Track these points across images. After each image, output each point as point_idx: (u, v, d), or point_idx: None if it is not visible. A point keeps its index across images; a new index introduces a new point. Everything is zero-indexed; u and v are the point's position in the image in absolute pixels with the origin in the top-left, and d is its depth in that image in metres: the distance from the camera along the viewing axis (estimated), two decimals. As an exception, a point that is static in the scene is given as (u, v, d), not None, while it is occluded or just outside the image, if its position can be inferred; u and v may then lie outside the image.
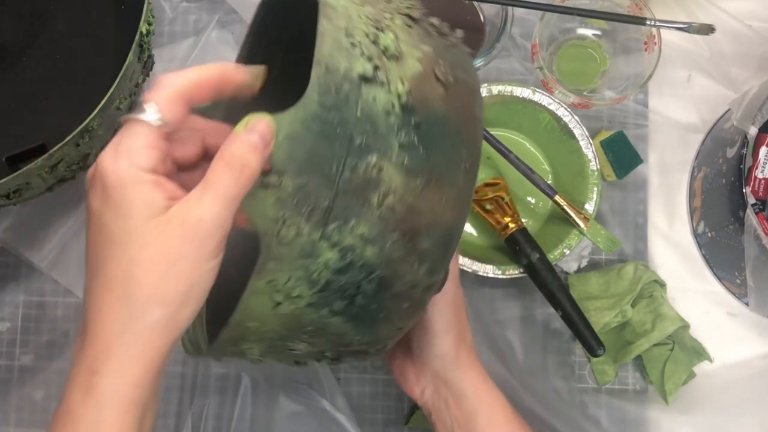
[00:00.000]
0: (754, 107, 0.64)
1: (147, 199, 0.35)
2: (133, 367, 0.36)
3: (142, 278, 0.35)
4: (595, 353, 0.63)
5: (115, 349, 0.35)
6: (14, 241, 0.71)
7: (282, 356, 0.44)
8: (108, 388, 0.35)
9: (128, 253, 0.35)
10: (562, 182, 0.71)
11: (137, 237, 0.35)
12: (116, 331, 0.35)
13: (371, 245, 0.38)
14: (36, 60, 0.69)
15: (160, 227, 0.35)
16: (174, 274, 0.35)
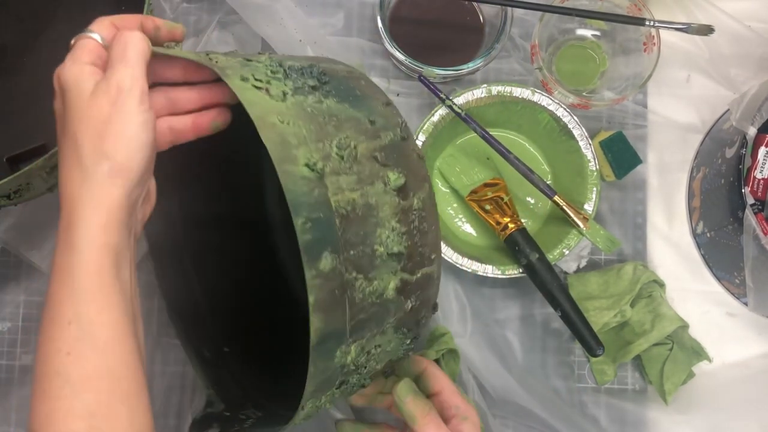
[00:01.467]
0: (753, 108, 0.64)
1: (79, 80, 0.44)
2: (97, 213, 0.43)
3: (85, 141, 0.43)
4: (594, 353, 0.63)
5: (79, 202, 0.43)
6: (15, 241, 0.71)
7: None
8: (80, 234, 0.43)
9: (72, 128, 0.44)
10: (561, 182, 0.71)
11: (77, 113, 0.44)
12: (76, 190, 0.43)
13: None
14: (36, 60, 0.69)
15: (90, 100, 0.44)
16: (111, 131, 0.43)
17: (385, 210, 0.46)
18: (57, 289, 0.43)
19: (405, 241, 0.47)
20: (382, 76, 0.75)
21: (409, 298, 0.48)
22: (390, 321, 0.47)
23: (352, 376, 0.48)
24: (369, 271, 0.45)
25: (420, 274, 0.49)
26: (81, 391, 0.41)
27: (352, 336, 0.45)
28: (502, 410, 0.69)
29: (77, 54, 0.46)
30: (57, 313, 0.42)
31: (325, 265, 0.43)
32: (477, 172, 0.71)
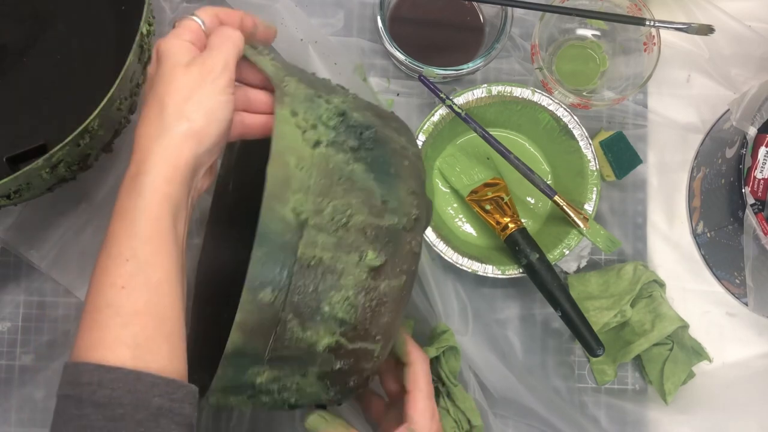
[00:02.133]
0: (753, 107, 0.64)
1: (178, 52, 0.49)
2: (166, 166, 0.46)
3: (170, 102, 0.47)
4: (594, 353, 0.63)
5: (151, 153, 0.46)
6: (15, 241, 0.71)
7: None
8: (147, 181, 0.46)
9: (161, 89, 0.48)
10: (561, 182, 0.71)
11: (168, 78, 0.48)
12: (152, 141, 0.47)
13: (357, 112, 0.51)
14: (36, 61, 0.69)
15: (185, 71, 0.48)
16: (196, 99, 0.47)
17: (348, 279, 0.47)
18: (118, 228, 0.46)
19: (353, 313, 0.47)
20: (382, 76, 0.75)
21: (339, 360, 0.49)
22: (314, 370, 0.48)
23: (263, 396, 0.49)
24: (306, 321, 0.46)
25: (358, 345, 0.49)
26: (130, 324, 0.44)
27: (268, 363, 0.47)
28: (503, 409, 0.69)
29: (180, 31, 0.50)
30: (115, 250, 0.45)
31: (263, 297, 0.45)
32: (477, 172, 0.71)
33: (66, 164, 0.60)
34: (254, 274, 0.44)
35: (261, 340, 0.46)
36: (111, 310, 0.44)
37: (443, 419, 0.67)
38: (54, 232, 0.71)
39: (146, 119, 0.48)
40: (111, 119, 0.62)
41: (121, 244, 0.45)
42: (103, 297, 0.44)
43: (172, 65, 0.48)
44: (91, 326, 0.44)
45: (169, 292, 0.45)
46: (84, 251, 0.71)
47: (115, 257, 0.45)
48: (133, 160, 0.47)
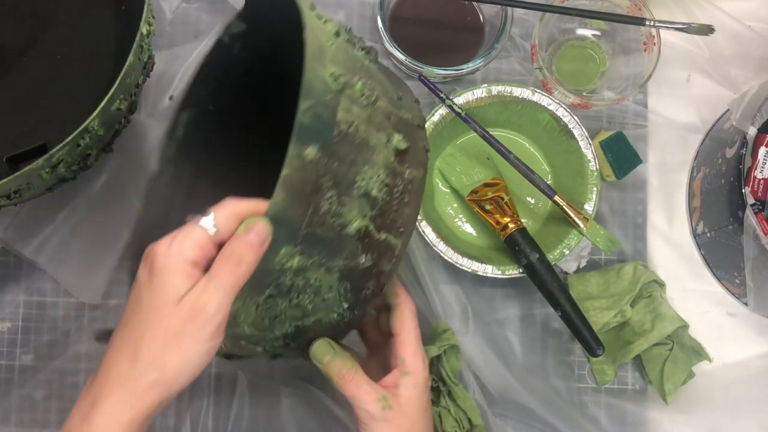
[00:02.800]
0: (753, 107, 0.64)
1: (176, 285, 0.43)
2: (125, 412, 0.43)
3: (149, 345, 0.43)
4: (594, 353, 0.63)
5: (114, 393, 0.43)
6: (14, 241, 0.71)
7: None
8: (101, 421, 0.43)
9: (146, 323, 0.43)
10: (561, 182, 0.71)
11: (157, 312, 0.43)
12: (119, 381, 0.43)
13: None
14: (36, 61, 0.69)
15: (174, 310, 0.43)
16: (176, 347, 0.43)
17: (379, 157, 0.47)
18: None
19: (384, 193, 0.48)
20: (382, 76, 0.75)
21: (365, 253, 0.48)
22: (340, 262, 0.47)
23: (282, 298, 0.47)
24: (343, 194, 0.45)
25: (384, 236, 0.49)
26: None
27: (302, 244, 0.45)
28: (502, 409, 0.70)
29: (186, 249, 0.43)
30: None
31: (308, 153, 0.43)
32: (477, 172, 0.71)
33: (66, 164, 0.60)
34: (301, 126, 0.43)
35: (301, 206, 0.44)
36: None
37: (444, 418, 0.67)
38: (54, 232, 0.71)
39: (119, 348, 0.44)
40: (111, 119, 0.62)
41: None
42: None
43: (164, 299, 0.43)
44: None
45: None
46: (84, 251, 0.71)
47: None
48: (96, 384, 0.44)
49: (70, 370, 0.71)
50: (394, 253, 0.50)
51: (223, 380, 0.71)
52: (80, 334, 0.72)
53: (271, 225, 0.43)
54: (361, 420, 0.51)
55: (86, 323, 0.72)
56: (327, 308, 0.49)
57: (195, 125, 0.62)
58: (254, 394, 0.69)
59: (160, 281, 0.43)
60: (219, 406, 0.70)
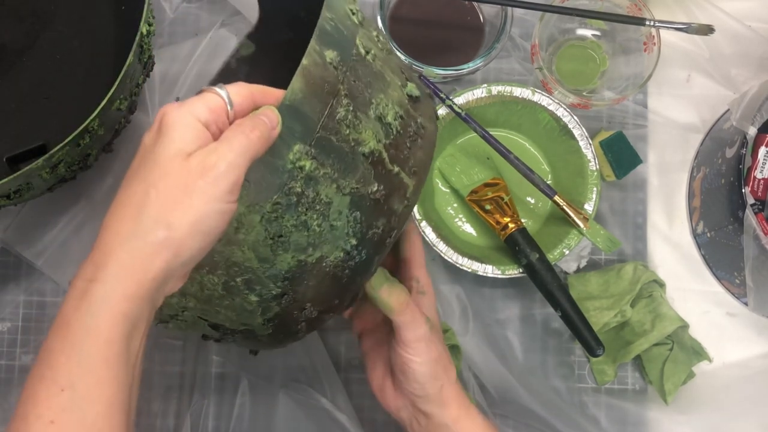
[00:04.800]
0: (753, 107, 0.64)
1: (185, 139, 0.40)
2: (128, 279, 0.39)
3: (155, 201, 0.39)
4: (594, 353, 0.63)
5: (115, 258, 0.39)
6: (14, 241, 0.71)
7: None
8: (101, 294, 0.38)
9: (150, 178, 0.40)
10: (561, 182, 0.71)
11: (163, 167, 0.40)
12: (119, 242, 0.39)
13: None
14: (36, 60, 0.69)
15: (183, 164, 0.40)
16: (186, 204, 0.39)
17: (394, 94, 0.48)
18: (56, 346, 0.39)
19: (399, 125, 0.48)
20: (382, 76, 0.75)
21: (376, 182, 0.47)
22: (352, 183, 0.46)
23: (290, 213, 0.46)
24: (358, 109, 0.46)
25: (396, 169, 0.48)
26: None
27: (316, 147, 0.45)
28: (502, 409, 0.69)
29: (197, 107, 0.41)
30: (49, 373, 0.38)
31: (328, 55, 0.44)
32: (477, 172, 0.71)
33: (66, 164, 0.60)
34: (322, 29, 0.43)
35: (318, 102, 0.44)
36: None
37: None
38: (54, 232, 0.71)
39: (120, 209, 0.40)
40: (111, 119, 0.62)
41: (58, 368, 0.38)
42: (30, 429, 0.38)
43: (172, 152, 0.40)
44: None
45: (109, 426, 0.39)
46: (83, 251, 0.71)
47: (48, 383, 0.38)
48: (92, 257, 0.40)
49: (70, 370, 0.71)
50: (406, 194, 0.50)
51: (224, 381, 0.71)
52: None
53: (287, 113, 0.43)
54: (409, 343, 0.53)
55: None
56: (334, 240, 0.47)
57: None
58: (254, 396, 0.69)
59: (168, 136, 0.40)
60: (219, 406, 0.70)
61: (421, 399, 0.55)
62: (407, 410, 0.56)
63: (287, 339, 0.52)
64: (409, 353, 0.54)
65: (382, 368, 0.58)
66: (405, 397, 0.56)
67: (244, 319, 0.50)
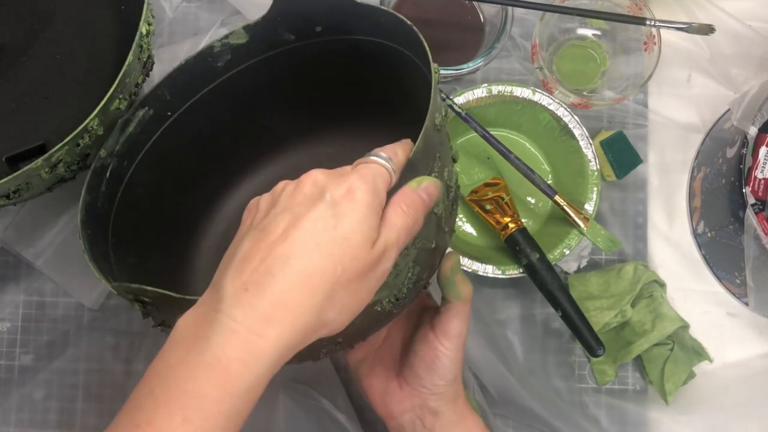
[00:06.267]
0: (753, 107, 0.64)
1: (372, 226, 0.40)
2: (290, 352, 0.39)
3: (340, 281, 0.39)
4: (594, 353, 0.63)
5: (289, 327, 0.38)
6: (14, 241, 0.71)
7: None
8: (266, 358, 0.38)
9: (340, 255, 0.39)
10: (561, 182, 0.71)
11: (354, 250, 0.39)
12: (298, 312, 0.38)
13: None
14: (36, 60, 0.69)
15: (369, 252, 0.40)
16: (357, 295, 0.40)
17: (449, 163, 0.52)
18: (212, 391, 0.37)
19: (452, 190, 0.52)
20: (382, 75, 0.75)
21: (434, 239, 0.50)
22: (423, 239, 0.48)
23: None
24: (441, 169, 0.49)
25: (446, 229, 0.52)
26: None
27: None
28: (502, 409, 0.69)
29: (381, 188, 0.41)
30: (197, 421, 0.37)
31: (438, 119, 0.48)
32: (477, 172, 0.71)
33: (65, 164, 0.59)
34: (435, 98, 0.47)
35: (426, 162, 0.47)
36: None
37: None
38: (53, 232, 0.71)
39: (305, 265, 0.38)
40: (111, 119, 0.62)
41: (209, 418, 0.37)
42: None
43: (364, 237, 0.39)
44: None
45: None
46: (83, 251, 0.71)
47: (193, 429, 0.36)
48: (261, 308, 0.38)
49: (70, 370, 0.71)
50: (443, 252, 0.53)
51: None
52: (80, 334, 0.72)
53: (408, 169, 0.44)
54: (451, 337, 0.54)
55: (86, 323, 0.72)
56: (393, 287, 0.48)
57: (149, 125, 0.62)
58: (254, 395, 0.69)
59: (360, 218, 0.39)
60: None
61: (437, 396, 0.55)
62: (412, 412, 0.56)
63: (296, 362, 0.53)
64: (446, 346, 0.54)
65: (383, 372, 0.58)
66: (415, 396, 0.56)
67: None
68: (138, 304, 0.48)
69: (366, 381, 0.59)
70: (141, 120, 0.62)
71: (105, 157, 0.60)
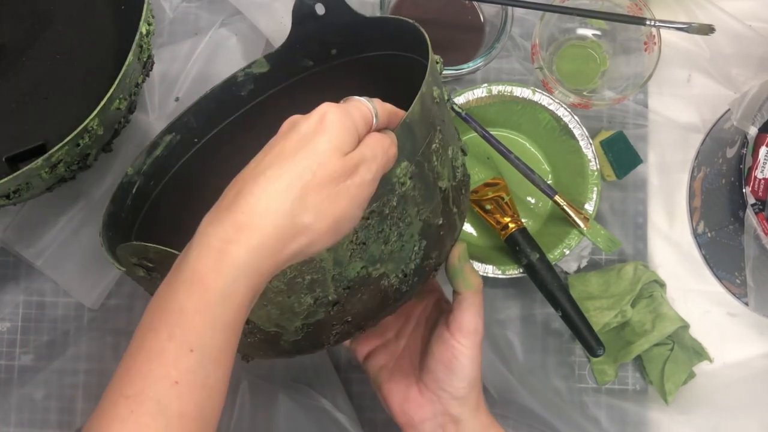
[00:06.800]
0: (753, 107, 0.64)
1: (344, 139, 0.42)
2: (269, 256, 0.39)
3: (310, 185, 0.40)
4: (594, 353, 0.63)
5: (262, 229, 0.39)
6: (14, 241, 0.71)
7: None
8: (242, 262, 0.39)
9: (309, 163, 0.41)
10: (561, 182, 0.71)
11: (322, 157, 0.41)
12: (271, 215, 0.39)
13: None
14: (36, 60, 0.69)
15: (339, 160, 0.41)
16: (334, 199, 0.41)
17: (457, 143, 0.54)
18: (191, 306, 0.38)
19: (459, 173, 0.54)
20: (382, 75, 0.75)
21: (441, 216, 0.51)
22: (428, 211, 0.50)
23: (379, 222, 0.48)
24: (444, 147, 0.51)
25: (454, 210, 0.53)
26: (172, 427, 0.37)
27: (416, 167, 0.48)
28: (503, 409, 0.69)
29: (355, 114, 0.44)
30: (180, 334, 0.38)
31: (436, 92, 0.50)
32: (477, 172, 0.71)
33: (65, 164, 0.59)
34: (433, 71, 0.49)
35: (425, 128, 0.48)
36: (155, 407, 0.37)
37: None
38: (53, 231, 0.71)
39: (269, 181, 0.40)
40: (110, 119, 0.62)
41: (191, 328, 0.38)
42: (151, 388, 0.37)
43: (333, 146, 0.41)
44: (124, 416, 0.37)
45: (222, 392, 0.39)
46: (82, 251, 0.71)
47: (178, 342, 0.38)
48: (233, 217, 0.39)
49: (70, 370, 0.71)
50: (454, 235, 0.54)
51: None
52: (80, 334, 0.72)
53: (404, 131, 0.46)
54: (466, 333, 0.54)
55: (86, 323, 0.72)
56: (400, 260, 0.50)
57: (176, 149, 0.65)
58: (254, 396, 0.69)
59: (331, 132, 0.42)
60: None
61: (458, 401, 0.55)
62: (434, 420, 0.56)
63: (309, 349, 0.53)
64: (463, 343, 0.54)
65: (403, 379, 0.57)
66: (436, 402, 0.55)
67: (283, 320, 0.50)
68: (142, 270, 0.48)
69: (386, 388, 0.58)
70: (168, 144, 0.64)
71: (132, 174, 0.62)
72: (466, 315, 0.54)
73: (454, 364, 0.54)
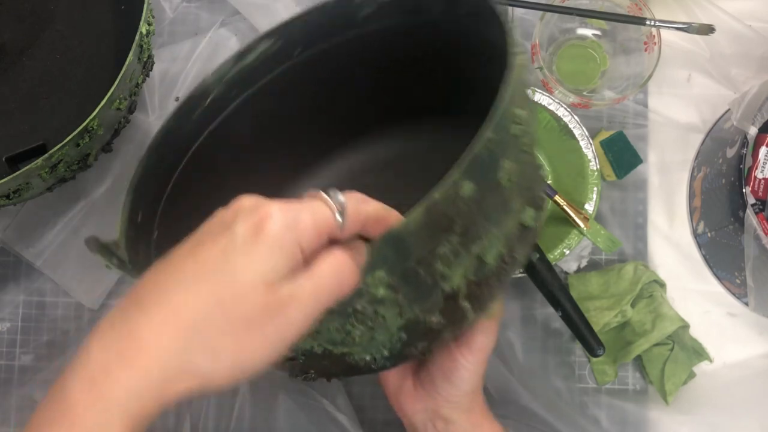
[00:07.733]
0: (753, 107, 0.64)
1: (276, 266, 0.35)
2: (150, 398, 0.35)
3: (216, 325, 0.34)
4: (594, 353, 0.63)
5: (145, 368, 0.34)
6: (14, 241, 0.71)
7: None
8: (116, 398, 0.34)
9: (223, 293, 0.34)
10: (561, 182, 0.71)
11: (241, 289, 0.34)
12: (159, 351, 0.34)
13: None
14: (36, 60, 0.69)
15: (262, 295, 0.34)
16: (242, 345, 0.34)
17: (506, 225, 0.43)
18: (55, 429, 0.35)
19: (493, 265, 0.44)
20: (382, 75, 0.75)
21: (441, 315, 0.44)
22: (415, 312, 0.42)
23: (337, 319, 0.41)
24: (462, 247, 0.40)
25: (466, 306, 0.44)
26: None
27: (399, 278, 0.40)
28: (503, 410, 0.69)
29: (305, 229, 0.36)
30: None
31: (465, 190, 0.38)
32: (477, 172, 0.71)
33: (65, 164, 0.60)
34: (474, 157, 0.37)
35: (427, 239, 0.39)
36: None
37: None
38: (53, 232, 0.71)
39: (179, 302, 0.34)
40: (110, 119, 0.62)
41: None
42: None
43: (258, 277, 0.34)
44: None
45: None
46: (83, 251, 0.71)
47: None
48: (118, 339, 0.35)
49: (70, 371, 0.71)
50: (461, 328, 0.46)
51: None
52: (80, 334, 0.72)
53: (389, 242, 0.38)
54: (475, 351, 0.51)
55: (86, 323, 0.72)
56: (367, 349, 0.44)
57: (271, 60, 0.56)
58: (255, 396, 0.69)
59: (261, 254, 0.34)
60: (219, 406, 0.70)
61: (451, 405, 0.54)
62: (425, 414, 0.55)
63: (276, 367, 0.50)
64: (468, 359, 0.51)
65: (400, 369, 0.56)
66: (427, 400, 0.54)
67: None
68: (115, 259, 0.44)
69: (382, 374, 0.57)
70: (264, 52, 0.55)
71: (210, 83, 0.54)
72: (478, 336, 0.51)
73: (454, 376, 0.52)
